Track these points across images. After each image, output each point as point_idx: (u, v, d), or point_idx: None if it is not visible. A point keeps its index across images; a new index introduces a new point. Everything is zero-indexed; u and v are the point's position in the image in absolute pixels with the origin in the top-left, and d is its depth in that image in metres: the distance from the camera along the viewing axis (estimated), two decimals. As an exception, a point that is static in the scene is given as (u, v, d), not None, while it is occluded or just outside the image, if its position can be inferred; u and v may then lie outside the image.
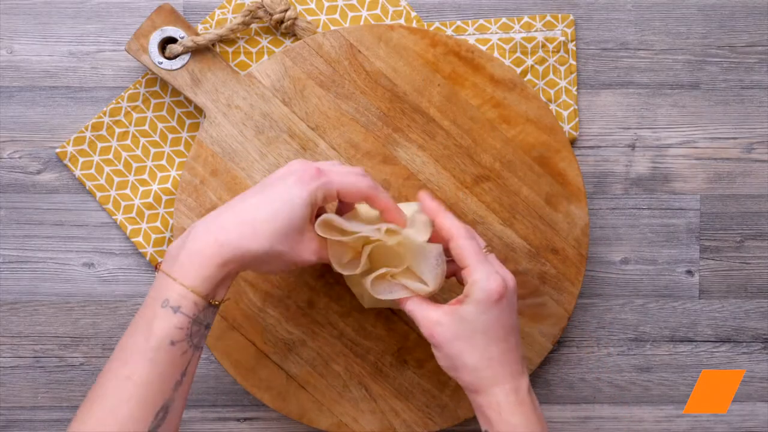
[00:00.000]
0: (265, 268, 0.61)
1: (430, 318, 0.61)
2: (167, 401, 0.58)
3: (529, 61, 0.78)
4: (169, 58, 0.75)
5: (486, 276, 0.60)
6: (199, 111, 0.79)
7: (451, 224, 0.62)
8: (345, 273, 0.63)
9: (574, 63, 0.78)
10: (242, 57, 0.78)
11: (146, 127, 0.79)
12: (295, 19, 0.76)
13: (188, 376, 0.59)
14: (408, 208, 0.67)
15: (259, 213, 0.59)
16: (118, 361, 0.58)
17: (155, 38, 0.75)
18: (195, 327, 0.58)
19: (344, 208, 0.66)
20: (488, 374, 0.61)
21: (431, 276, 0.62)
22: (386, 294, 0.63)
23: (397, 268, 0.63)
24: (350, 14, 0.78)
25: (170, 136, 0.79)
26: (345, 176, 0.61)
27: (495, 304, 0.60)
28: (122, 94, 0.78)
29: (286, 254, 0.60)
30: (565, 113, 0.78)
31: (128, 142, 0.79)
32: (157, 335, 0.57)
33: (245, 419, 0.80)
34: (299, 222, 0.59)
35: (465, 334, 0.60)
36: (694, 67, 0.80)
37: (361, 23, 0.78)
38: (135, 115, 0.78)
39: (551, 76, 0.78)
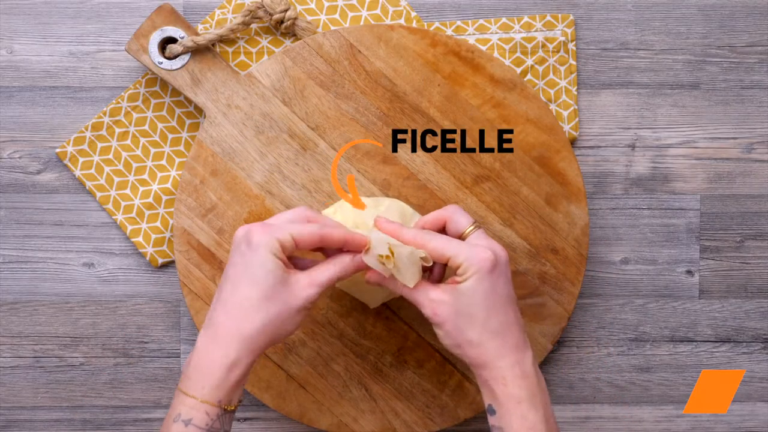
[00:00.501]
0: (282, 334, 0.61)
1: (432, 297, 0.62)
2: None
3: (529, 61, 0.78)
4: (169, 58, 0.75)
5: (470, 252, 0.61)
6: (199, 111, 0.79)
7: (413, 236, 0.63)
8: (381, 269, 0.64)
9: (574, 63, 0.78)
10: (242, 57, 0.78)
11: (146, 127, 0.79)
12: (295, 19, 0.76)
13: None
14: (379, 203, 0.69)
15: (237, 296, 0.60)
16: None
17: (155, 38, 0.75)
18: None
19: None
20: (491, 346, 0.61)
21: (410, 277, 0.63)
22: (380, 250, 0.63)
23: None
24: (350, 14, 0.78)
25: (170, 136, 0.79)
26: (292, 226, 0.61)
27: (488, 273, 0.60)
28: (122, 94, 0.78)
29: (285, 309, 0.60)
30: (565, 113, 0.79)
31: (128, 142, 0.79)
32: None
33: (245, 419, 0.80)
34: (274, 276, 0.60)
35: (465, 309, 0.61)
36: (694, 67, 0.80)
37: (361, 23, 0.78)
38: (135, 115, 0.78)
39: (551, 76, 0.78)
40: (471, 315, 0.61)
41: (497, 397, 0.61)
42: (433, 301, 0.62)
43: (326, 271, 0.62)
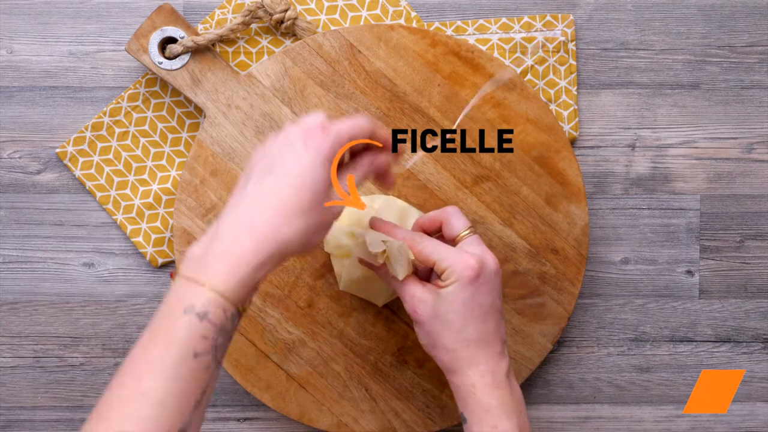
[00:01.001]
0: (309, 247, 0.56)
1: (414, 294, 0.62)
2: (185, 424, 0.50)
3: (529, 61, 0.78)
4: (169, 58, 0.75)
5: (456, 258, 0.60)
6: (199, 111, 0.79)
7: (404, 235, 0.63)
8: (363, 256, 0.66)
9: (574, 63, 0.78)
10: (242, 57, 0.78)
11: (146, 127, 0.79)
12: (295, 19, 0.76)
13: (207, 396, 0.52)
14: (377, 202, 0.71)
15: (282, 194, 0.54)
16: (131, 375, 0.50)
17: (155, 38, 0.75)
18: (220, 338, 0.52)
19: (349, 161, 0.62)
20: (465, 355, 0.61)
21: (399, 269, 0.63)
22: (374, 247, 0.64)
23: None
24: (350, 14, 0.78)
25: (170, 136, 0.79)
26: (347, 124, 0.56)
27: (471, 282, 0.60)
28: (122, 94, 0.78)
29: (322, 222, 0.55)
30: (565, 113, 0.79)
31: (128, 142, 0.79)
32: (179, 345, 0.50)
33: (245, 419, 0.80)
34: (324, 187, 0.55)
35: (443, 313, 0.61)
36: (694, 67, 0.80)
37: (361, 23, 0.78)
38: (135, 115, 0.78)
39: (551, 76, 0.78)
40: (448, 320, 0.61)
41: (467, 404, 0.61)
42: (415, 297, 0.62)
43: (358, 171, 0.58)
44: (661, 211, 0.80)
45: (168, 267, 0.80)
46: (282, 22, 0.76)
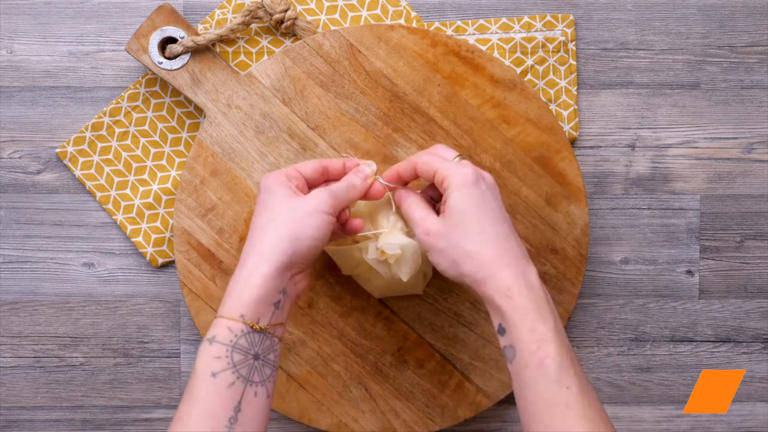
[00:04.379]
0: (302, 239, 0.62)
1: (424, 218, 0.63)
2: None
3: (529, 61, 0.78)
4: (169, 58, 0.75)
5: (454, 167, 0.62)
6: (199, 111, 0.79)
7: (406, 161, 0.66)
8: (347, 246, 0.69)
9: (574, 63, 0.78)
10: (242, 57, 0.78)
11: (146, 127, 0.79)
12: (295, 19, 0.76)
13: (245, 412, 0.58)
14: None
15: (256, 226, 0.63)
16: (181, 403, 0.59)
17: (155, 38, 0.75)
18: (237, 355, 0.58)
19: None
20: (490, 256, 0.59)
21: (406, 269, 0.66)
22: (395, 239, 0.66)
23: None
24: (350, 14, 0.78)
25: (170, 136, 0.79)
26: (295, 164, 0.67)
27: (473, 186, 0.61)
28: (122, 94, 0.78)
29: (296, 215, 0.62)
30: (565, 113, 0.79)
31: (128, 142, 0.79)
32: (197, 369, 0.58)
33: (245, 419, 0.80)
34: (282, 195, 0.63)
35: (457, 222, 0.60)
36: (694, 67, 0.80)
37: (361, 23, 0.78)
38: (135, 115, 0.78)
39: (551, 76, 0.78)
40: (465, 226, 0.60)
41: (504, 312, 0.58)
42: (425, 220, 0.62)
43: (333, 185, 0.65)
44: (661, 211, 0.80)
45: (168, 267, 0.80)
46: (282, 22, 0.76)
